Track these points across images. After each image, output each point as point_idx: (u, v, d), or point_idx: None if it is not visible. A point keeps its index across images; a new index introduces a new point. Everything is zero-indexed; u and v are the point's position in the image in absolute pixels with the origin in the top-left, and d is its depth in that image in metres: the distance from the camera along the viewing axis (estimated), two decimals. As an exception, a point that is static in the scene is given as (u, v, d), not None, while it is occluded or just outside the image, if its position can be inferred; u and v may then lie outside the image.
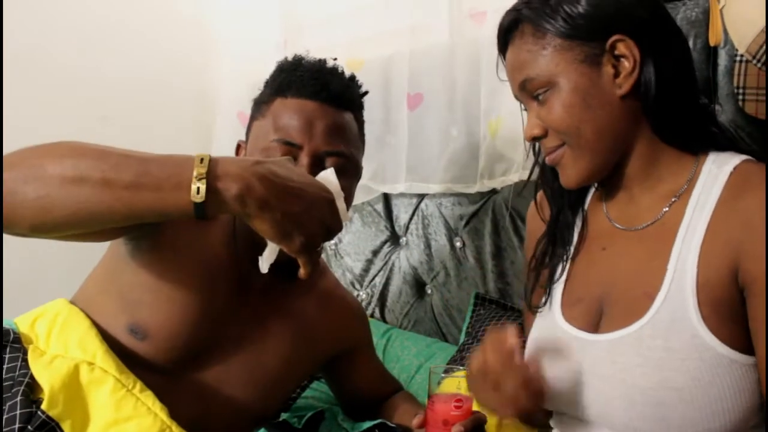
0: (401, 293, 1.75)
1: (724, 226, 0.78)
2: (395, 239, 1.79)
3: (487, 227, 1.54)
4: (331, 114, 1.05)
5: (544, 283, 0.95)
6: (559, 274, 0.94)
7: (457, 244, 1.62)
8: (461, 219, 1.61)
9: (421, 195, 1.70)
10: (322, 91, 1.05)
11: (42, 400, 0.87)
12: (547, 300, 0.93)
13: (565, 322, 0.89)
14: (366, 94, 1.16)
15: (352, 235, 1.87)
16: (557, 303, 0.92)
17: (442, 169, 1.62)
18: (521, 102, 0.91)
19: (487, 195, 1.56)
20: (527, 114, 0.90)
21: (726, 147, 0.85)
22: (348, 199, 1.02)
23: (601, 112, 0.83)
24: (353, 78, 1.14)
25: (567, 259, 0.94)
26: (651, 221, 0.86)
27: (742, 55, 1.10)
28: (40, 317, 0.99)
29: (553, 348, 0.88)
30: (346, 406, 1.28)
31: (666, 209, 0.84)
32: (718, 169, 0.82)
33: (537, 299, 0.95)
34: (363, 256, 1.84)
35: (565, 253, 0.94)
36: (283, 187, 0.79)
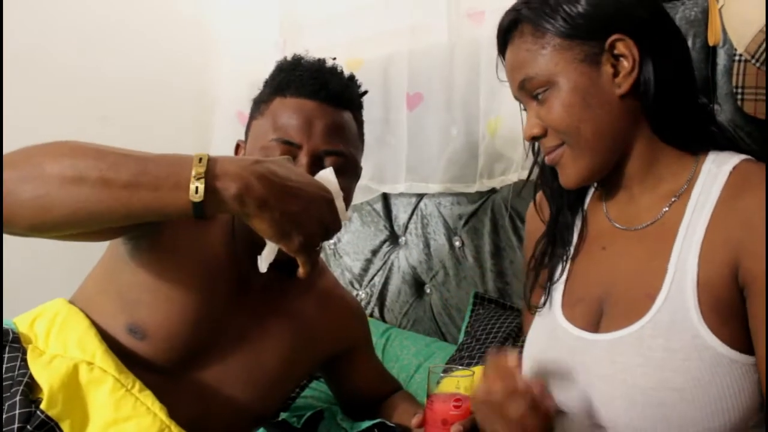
0: (400, 293, 1.75)
1: (723, 225, 0.78)
2: (394, 239, 1.79)
3: (486, 227, 1.54)
4: (330, 113, 1.05)
5: (543, 283, 0.95)
6: (559, 274, 0.93)
7: (456, 243, 1.62)
8: (460, 218, 1.61)
9: (420, 194, 1.70)
10: (321, 91, 1.04)
11: (41, 399, 0.87)
12: (547, 300, 0.93)
13: (566, 321, 0.88)
14: (365, 93, 1.16)
15: (351, 235, 1.86)
16: (557, 303, 0.91)
17: (441, 169, 1.62)
18: (521, 102, 0.91)
19: (486, 194, 1.56)
20: (527, 114, 0.90)
21: (725, 146, 0.85)
22: (347, 199, 1.02)
23: (601, 111, 0.82)
24: (352, 77, 1.14)
25: (567, 259, 0.93)
26: (651, 221, 0.85)
27: (740, 55, 1.10)
28: (39, 317, 0.99)
29: (554, 348, 0.88)
30: (345, 405, 1.27)
31: (666, 209, 0.84)
32: (717, 169, 0.82)
33: (536, 299, 0.95)
34: (362, 255, 1.84)
35: (565, 253, 0.94)
36: (282, 187, 0.79)
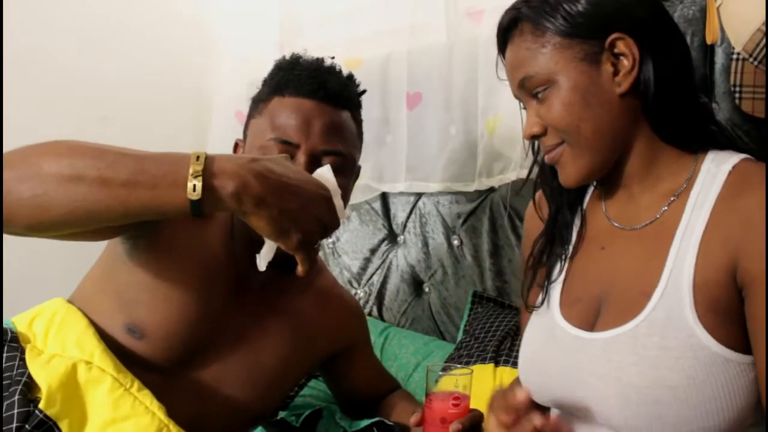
0: (399, 291, 1.74)
1: (723, 224, 0.77)
2: (393, 238, 1.79)
3: (485, 225, 1.54)
4: (329, 113, 1.05)
5: (541, 282, 0.94)
6: (558, 273, 0.93)
7: (455, 242, 1.62)
8: (459, 217, 1.61)
9: (419, 193, 1.70)
10: (319, 90, 1.04)
11: (40, 399, 0.87)
12: (545, 299, 0.93)
13: (564, 321, 0.88)
14: (364, 92, 1.16)
15: (349, 234, 1.86)
16: (555, 302, 0.91)
17: (440, 168, 1.62)
18: (520, 100, 0.91)
19: (485, 193, 1.56)
20: (526, 112, 0.89)
21: (725, 146, 0.85)
22: (345, 197, 1.02)
23: (601, 110, 0.82)
24: (351, 77, 1.14)
25: (565, 259, 0.93)
26: (650, 220, 0.85)
27: (738, 53, 1.10)
28: (37, 316, 1.00)
29: (551, 347, 0.88)
30: (343, 404, 1.28)
31: (665, 208, 0.84)
32: (717, 168, 0.81)
33: (534, 298, 0.95)
34: (361, 254, 1.84)
35: (564, 252, 0.94)
36: (280, 184, 0.79)
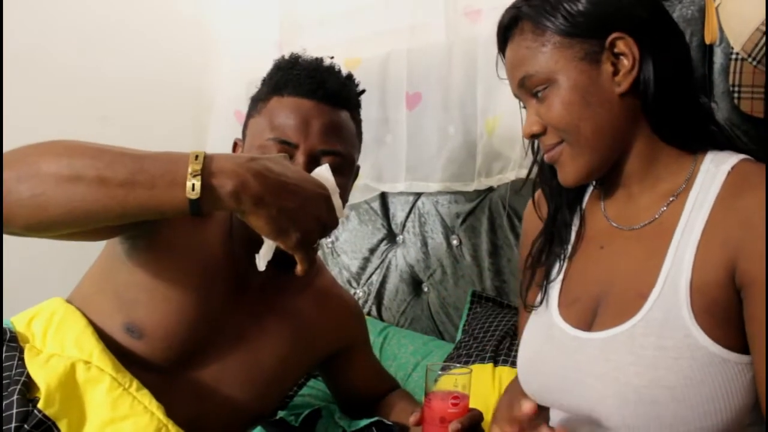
0: (398, 291, 1.75)
1: (722, 225, 0.77)
2: (392, 237, 1.79)
3: (484, 225, 1.54)
4: (327, 113, 1.05)
5: (540, 282, 0.94)
6: (557, 272, 0.93)
7: (454, 242, 1.62)
8: (458, 217, 1.61)
9: (418, 193, 1.70)
10: (318, 90, 1.04)
11: (38, 399, 0.87)
12: (543, 298, 0.93)
13: (562, 321, 0.88)
14: (363, 92, 1.16)
15: (348, 233, 1.86)
16: (554, 302, 0.91)
17: (440, 168, 1.62)
18: (520, 99, 0.91)
19: (484, 193, 1.56)
20: (526, 111, 0.89)
21: (724, 146, 0.85)
22: (343, 197, 1.02)
23: (600, 109, 0.82)
24: (350, 76, 1.13)
25: (564, 258, 0.93)
26: (649, 221, 0.85)
27: (737, 53, 1.10)
28: (36, 316, 0.99)
29: (549, 347, 0.88)
30: (342, 404, 1.28)
31: (664, 208, 0.84)
32: (716, 168, 0.81)
33: (533, 297, 0.95)
34: (360, 254, 1.84)
35: (563, 252, 0.94)
36: (278, 183, 0.79)
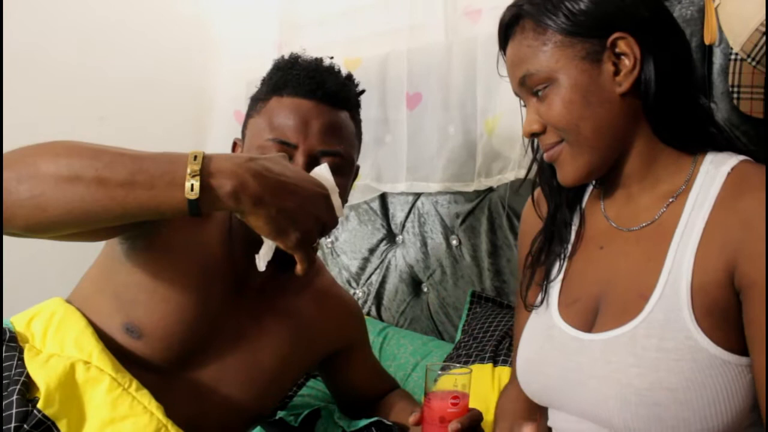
0: (397, 291, 1.75)
1: (721, 226, 0.77)
2: (392, 237, 1.79)
3: (483, 225, 1.54)
4: (327, 113, 1.04)
5: (539, 281, 0.94)
6: (557, 272, 0.93)
7: (454, 242, 1.62)
8: (457, 217, 1.61)
9: (418, 193, 1.70)
10: (317, 90, 1.04)
11: (38, 399, 0.87)
12: (544, 298, 0.93)
13: (562, 321, 0.88)
14: (363, 92, 1.15)
15: (348, 234, 1.87)
16: (554, 301, 0.91)
17: (440, 168, 1.62)
18: (520, 98, 0.91)
19: (484, 193, 1.56)
20: (526, 110, 0.89)
21: (724, 147, 0.84)
22: (343, 197, 1.02)
23: (601, 109, 0.82)
24: (350, 77, 1.13)
25: (564, 258, 0.93)
26: (648, 222, 0.85)
27: (737, 54, 1.10)
28: (35, 316, 0.99)
29: (549, 347, 0.88)
30: (342, 404, 1.28)
31: (663, 210, 0.84)
32: (715, 170, 0.81)
33: (532, 297, 0.95)
34: (359, 254, 1.84)
35: (563, 251, 0.94)
36: (277, 183, 0.79)
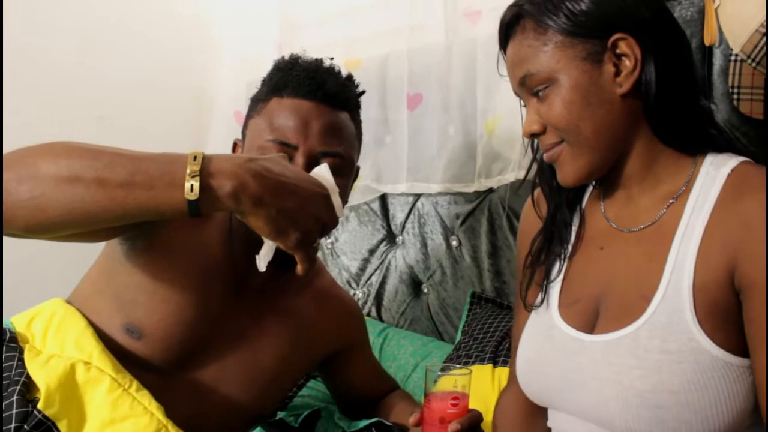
0: (397, 292, 1.75)
1: (722, 227, 0.77)
2: (392, 238, 1.79)
3: (483, 226, 1.54)
4: (327, 114, 1.04)
5: (539, 282, 0.94)
6: (557, 273, 0.93)
7: (454, 243, 1.62)
8: (457, 218, 1.61)
9: (418, 194, 1.70)
10: (317, 91, 1.04)
11: (38, 399, 0.87)
12: (544, 298, 0.93)
13: (562, 322, 0.88)
14: (363, 93, 1.15)
15: (348, 234, 1.87)
16: (554, 302, 0.91)
17: (441, 169, 1.62)
18: (521, 98, 0.91)
19: (484, 194, 1.56)
20: (526, 110, 0.89)
21: (724, 148, 0.84)
22: (343, 198, 1.02)
23: (601, 110, 0.82)
24: (350, 77, 1.13)
25: (564, 258, 0.93)
26: (648, 223, 0.85)
27: (736, 55, 1.10)
28: (36, 317, 0.99)
29: (549, 348, 0.88)
30: (342, 404, 1.28)
31: (663, 211, 0.84)
32: (715, 171, 0.81)
33: (532, 297, 0.95)
34: (359, 255, 1.84)
35: (563, 252, 0.93)
36: (277, 183, 0.79)
